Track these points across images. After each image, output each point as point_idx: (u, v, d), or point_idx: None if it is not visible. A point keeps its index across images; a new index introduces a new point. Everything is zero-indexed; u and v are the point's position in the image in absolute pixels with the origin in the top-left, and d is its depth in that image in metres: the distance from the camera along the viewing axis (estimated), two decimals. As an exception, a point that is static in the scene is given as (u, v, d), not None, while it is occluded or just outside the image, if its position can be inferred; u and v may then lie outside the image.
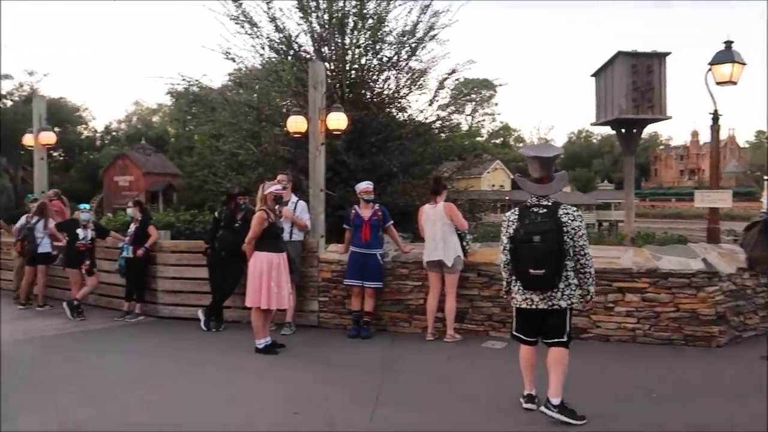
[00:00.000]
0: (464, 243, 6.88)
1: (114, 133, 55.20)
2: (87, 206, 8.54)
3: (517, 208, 4.42)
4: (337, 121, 7.79)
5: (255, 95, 10.71)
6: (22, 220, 9.17)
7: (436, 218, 6.81)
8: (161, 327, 7.88)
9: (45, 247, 8.93)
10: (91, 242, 8.30)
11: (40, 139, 10.25)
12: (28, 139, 10.54)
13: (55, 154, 46.56)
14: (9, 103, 40.63)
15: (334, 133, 8.11)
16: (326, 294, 7.54)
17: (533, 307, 4.29)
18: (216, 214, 7.83)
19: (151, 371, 5.82)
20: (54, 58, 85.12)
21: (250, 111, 10.39)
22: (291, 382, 5.45)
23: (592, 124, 11.26)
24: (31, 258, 8.94)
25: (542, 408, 4.26)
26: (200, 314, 7.53)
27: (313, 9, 10.43)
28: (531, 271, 4.14)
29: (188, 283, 8.16)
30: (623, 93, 9.60)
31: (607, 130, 16.45)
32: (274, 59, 10.70)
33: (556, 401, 4.19)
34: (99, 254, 8.60)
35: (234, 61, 10.50)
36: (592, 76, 10.73)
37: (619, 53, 9.81)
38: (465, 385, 5.21)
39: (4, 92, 40.74)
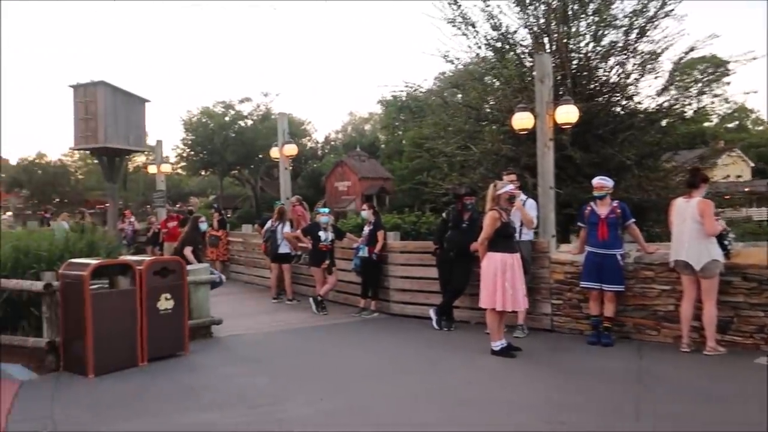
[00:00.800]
0: (726, 242, 6.00)
1: (332, 143, 60.21)
2: (327, 210, 9.33)
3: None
4: (566, 114, 7.38)
5: (472, 94, 10.69)
6: (268, 223, 10.36)
7: (687, 215, 6.04)
8: (394, 324, 8.24)
9: (284, 248, 9.97)
10: (331, 243, 9.03)
11: (284, 151, 11.52)
12: (274, 152, 11.91)
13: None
14: (249, 122, 46.65)
15: (562, 127, 7.71)
16: (559, 296, 7.18)
17: None
18: (444, 214, 7.95)
19: (392, 366, 6.07)
20: (282, 78, 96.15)
21: (468, 111, 10.41)
22: (531, 387, 5.25)
23: None
24: (273, 257, 10.07)
25: None
26: (431, 313, 7.71)
27: (531, 0, 10.09)
28: None
29: (417, 282, 8.43)
30: None
31: None
32: (491, 57, 10.58)
33: None
34: (337, 254, 9.31)
35: (453, 63, 10.65)
36: None
37: None
38: (745, 411, 4.48)
39: (245, 113, 46.86)
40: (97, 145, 12.40)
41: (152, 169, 15.91)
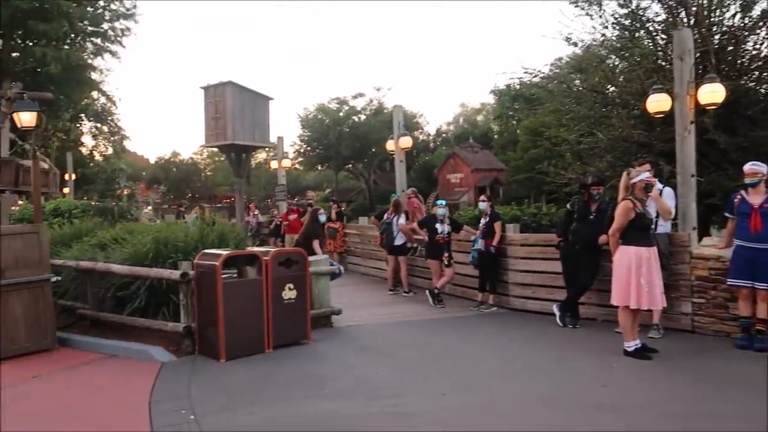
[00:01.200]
0: None
1: (444, 135, 59.86)
2: (443, 202, 9.18)
3: None
4: (711, 94, 6.65)
5: (596, 79, 10.01)
6: (384, 216, 10.37)
7: None
8: (514, 319, 7.95)
9: (400, 240, 9.93)
10: (448, 235, 8.87)
11: (399, 143, 11.52)
12: (389, 145, 11.95)
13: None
14: (362, 117, 47.58)
15: (705, 108, 6.98)
16: (702, 295, 6.52)
17: None
18: (568, 206, 7.52)
19: (515, 364, 5.81)
20: (394, 73, 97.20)
21: (594, 96, 9.76)
22: (673, 393, 4.78)
23: None
24: (389, 249, 10.07)
25: None
26: (555, 309, 7.33)
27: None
28: None
29: (539, 276, 8.06)
30: None
31: None
32: (619, 37, 9.84)
33: None
34: (453, 247, 9.14)
35: (575, 45, 10.04)
36: None
37: None
38: None
39: (358, 108, 47.86)
40: (225, 142, 13.12)
41: (274, 164, 16.65)
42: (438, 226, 8.83)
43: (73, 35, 21.00)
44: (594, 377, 5.25)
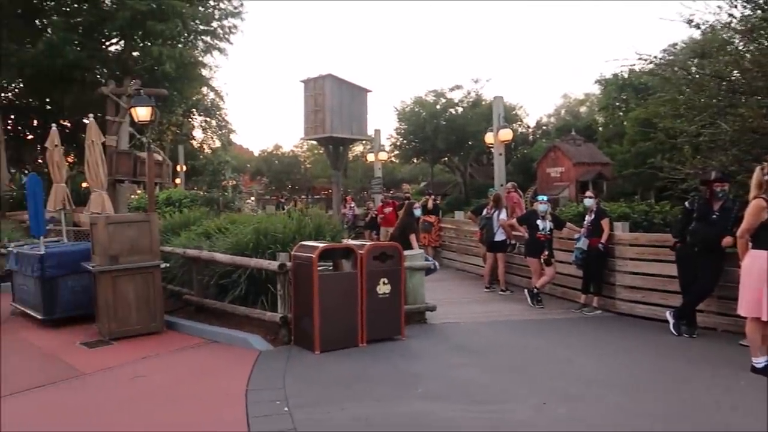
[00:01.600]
0: None
1: (544, 127, 57.88)
2: (545, 198, 8.74)
3: None
4: None
5: (722, 65, 9.05)
6: (484, 211, 10.03)
7: None
8: (621, 324, 7.42)
9: (500, 236, 9.54)
10: (550, 233, 8.43)
11: (499, 136, 11.12)
12: (488, 137, 11.59)
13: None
14: (460, 110, 46.96)
15: None
16: None
17: None
18: (686, 204, 6.87)
19: (624, 376, 5.36)
20: (493, 64, 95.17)
21: (718, 83, 8.84)
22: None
23: None
24: (488, 245, 9.72)
25: None
26: (669, 316, 6.74)
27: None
28: None
29: (650, 279, 7.46)
30: None
31: None
32: (749, 17, 8.85)
33: None
34: (555, 245, 8.68)
35: (698, 27, 9.13)
36: None
37: None
38: None
39: (456, 101, 47.26)
40: (323, 135, 13.29)
41: (370, 157, 16.73)
42: (539, 222, 8.41)
43: (186, 34, 22.20)
44: (718, 397, 4.71)
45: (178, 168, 25.63)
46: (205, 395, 4.94)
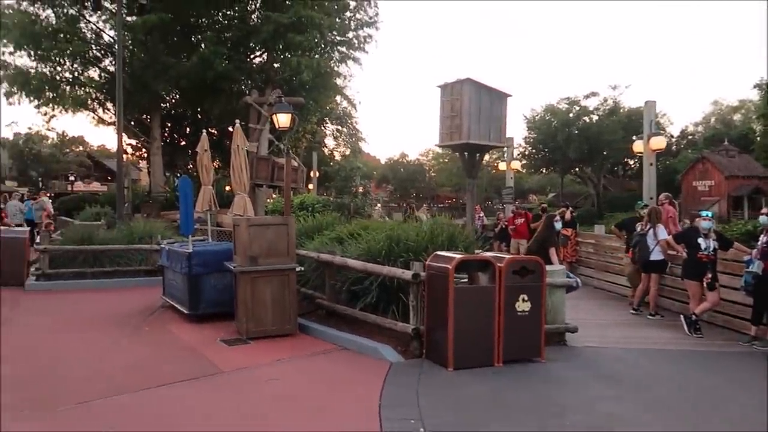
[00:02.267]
0: None
1: (690, 137, 53.32)
2: (709, 214, 7.75)
3: None
4: None
5: None
6: (637, 227, 9.07)
7: None
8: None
9: (657, 254, 8.58)
10: (714, 253, 7.46)
11: (650, 144, 10.15)
12: (637, 146, 10.64)
13: (631, 162, 48.51)
14: (595, 118, 44.51)
15: None
16: None
17: None
18: None
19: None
20: (632, 70, 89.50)
21: None
22: None
23: None
24: (643, 265, 8.78)
25: None
26: None
27: None
28: None
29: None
30: None
31: None
32: None
33: None
34: (719, 267, 7.67)
35: None
36: None
37: None
38: None
39: (590, 108, 44.88)
40: (459, 141, 12.98)
41: (502, 165, 16.17)
42: (701, 241, 7.46)
43: (323, 45, 23.10)
44: None
45: (312, 174, 26.63)
46: (338, 406, 4.83)
